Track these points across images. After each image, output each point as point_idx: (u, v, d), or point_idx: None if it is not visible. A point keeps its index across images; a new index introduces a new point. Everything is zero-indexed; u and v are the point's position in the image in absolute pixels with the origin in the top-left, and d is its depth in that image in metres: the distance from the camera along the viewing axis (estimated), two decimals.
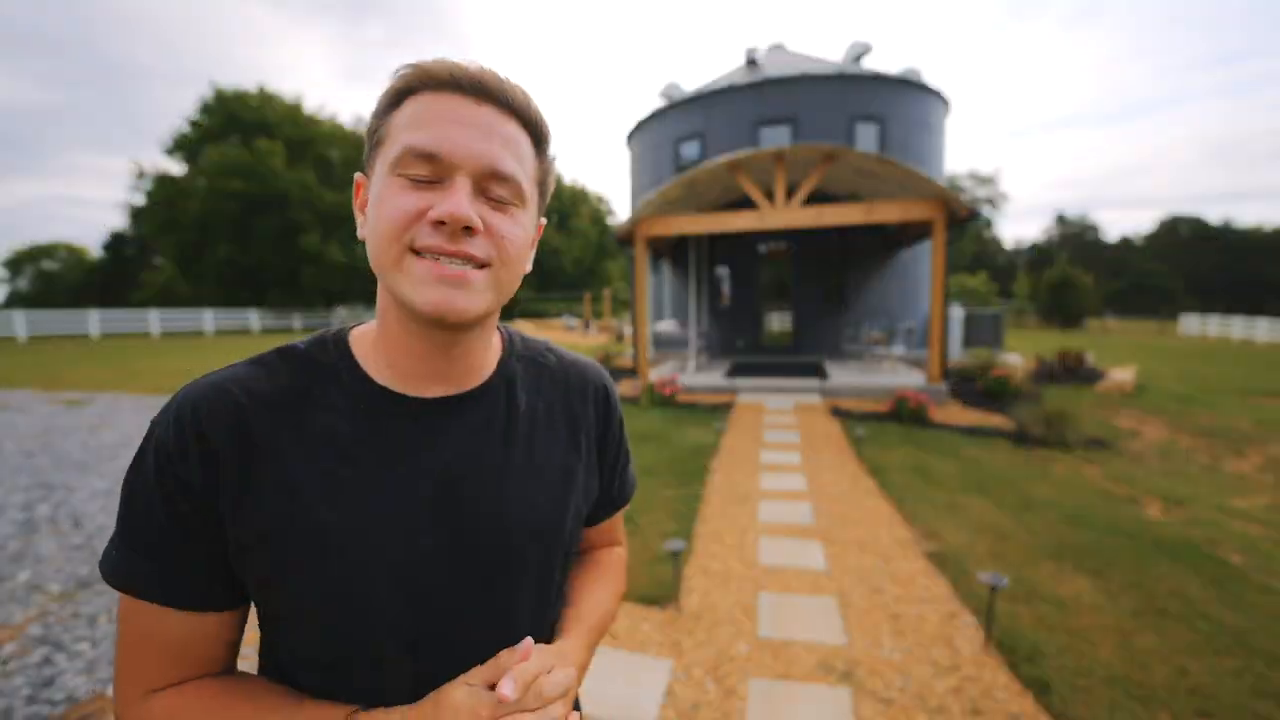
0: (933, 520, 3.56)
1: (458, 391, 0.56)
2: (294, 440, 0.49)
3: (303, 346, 0.55)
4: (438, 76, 0.47)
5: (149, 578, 0.47)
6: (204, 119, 30.37)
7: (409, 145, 0.46)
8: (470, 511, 0.54)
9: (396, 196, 0.47)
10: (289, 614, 0.51)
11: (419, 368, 0.54)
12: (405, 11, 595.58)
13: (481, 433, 0.56)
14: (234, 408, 0.48)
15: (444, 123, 0.47)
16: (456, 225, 0.46)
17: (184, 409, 0.48)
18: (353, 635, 0.50)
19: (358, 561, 0.49)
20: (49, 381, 10.06)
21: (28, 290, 34.69)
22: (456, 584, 0.53)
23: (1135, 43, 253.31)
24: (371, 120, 0.50)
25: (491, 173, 0.48)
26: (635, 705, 1.97)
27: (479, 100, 0.48)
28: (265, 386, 0.50)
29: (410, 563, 0.51)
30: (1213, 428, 6.30)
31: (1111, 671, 2.11)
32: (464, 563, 0.53)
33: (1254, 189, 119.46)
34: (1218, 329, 22.15)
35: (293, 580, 0.48)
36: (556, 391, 0.64)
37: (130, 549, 0.48)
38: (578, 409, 0.65)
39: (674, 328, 9.94)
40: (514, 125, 0.50)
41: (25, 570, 2.96)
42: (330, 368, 0.54)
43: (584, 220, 49.09)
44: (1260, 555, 3.11)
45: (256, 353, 0.54)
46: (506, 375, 0.61)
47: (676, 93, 12.83)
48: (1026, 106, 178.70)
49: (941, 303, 7.33)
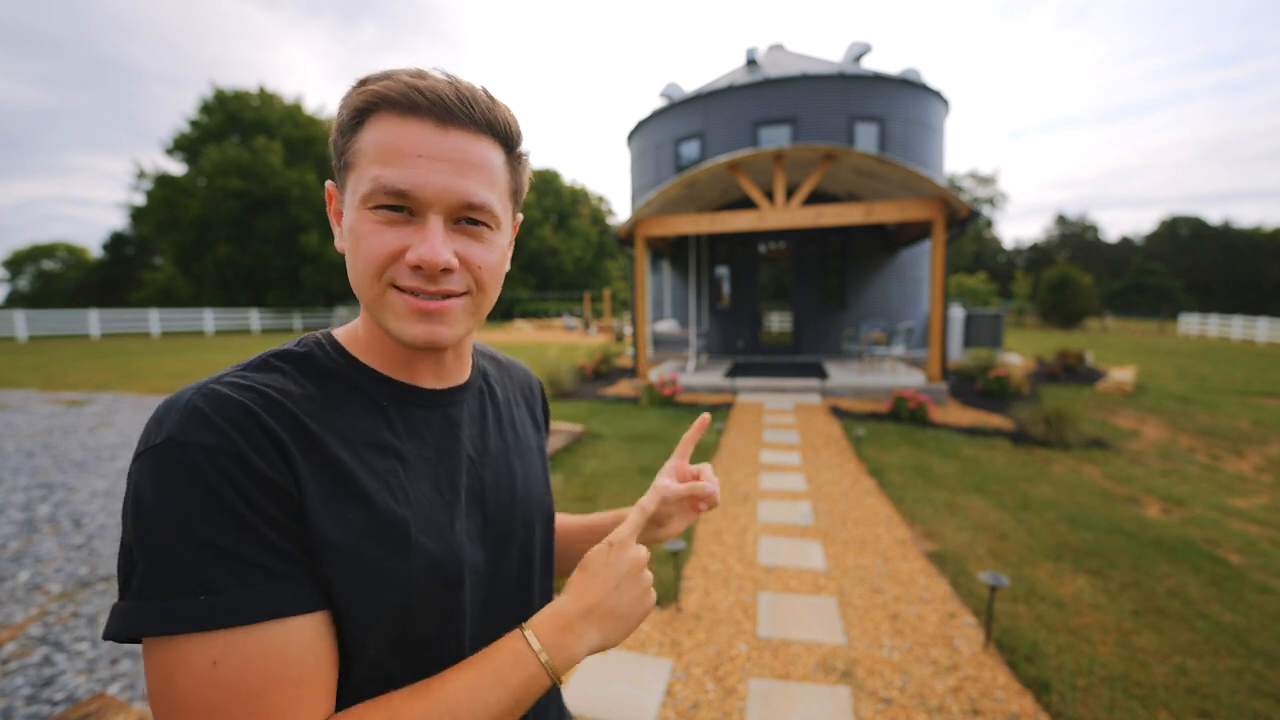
0: (932, 520, 3.56)
1: (454, 384, 0.59)
2: (340, 444, 0.47)
3: (299, 351, 0.52)
4: (394, 99, 0.46)
5: (253, 589, 0.40)
6: (204, 118, 30.40)
7: (380, 182, 0.45)
8: (493, 494, 0.58)
9: (372, 235, 0.47)
10: (353, 614, 0.46)
11: (415, 361, 0.56)
12: (402, 11, 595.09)
13: (481, 420, 0.61)
14: (280, 404, 0.45)
15: (410, 157, 0.45)
16: (434, 270, 0.47)
17: (225, 410, 0.42)
18: (438, 627, 0.50)
19: (441, 553, 0.50)
20: (49, 381, 10.07)
21: (28, 290, 34.70)
22: (495, 562, 0.57)
23: (1129, 43, 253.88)
24: (335, 135, 0.49)
25: (465, 205, 0.48)
26: (635, 705, 1.97)
27: (443, 125, 0.46)
28: (293, 389, 0.48)
29: (468, 547, 0.53)
30: (1212, 428, 6.31)
31: (1111, 671, 2.11)
32: (497, 542, 0.57)
33: (1251, 189, 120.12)
34: (1218, 329, 22.14)
35: (369, 578, 0.46)
36: (514, 382, 0.72)
37: (211, 576, 0.39)
38: (528, 396, 0.73)
39: (674, 328, 9.93)
40: (483, 143, 0.49)
41: (25, 570, 2.96)
42: (339, 370, 0.52)
43: (584, 220, 49.09)
44: (1259, 555, 3.12)
45: (246, 359, 0.51)
46: (481, 369, 0.66)
47: (676, 93, 12.83)
48: (1021, 107, 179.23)
49: (941, 303, 7.34)
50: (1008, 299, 37.13)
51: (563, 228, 48.04)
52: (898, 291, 11.45)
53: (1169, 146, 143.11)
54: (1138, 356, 13.82)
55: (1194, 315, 24.50)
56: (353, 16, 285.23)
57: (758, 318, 11.91)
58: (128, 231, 34.37)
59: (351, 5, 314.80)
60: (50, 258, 35.79)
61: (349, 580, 0.44)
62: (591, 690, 2.04)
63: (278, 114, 31.26)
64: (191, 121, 30.57)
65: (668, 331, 9.34)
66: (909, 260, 11.47)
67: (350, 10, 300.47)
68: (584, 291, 34.41)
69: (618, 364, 11.50)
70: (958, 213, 7.20)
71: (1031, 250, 53.24)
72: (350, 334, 0.56)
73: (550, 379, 8.44)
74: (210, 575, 0.39)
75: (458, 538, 0.52)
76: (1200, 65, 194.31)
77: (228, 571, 0.39)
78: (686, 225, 8.21)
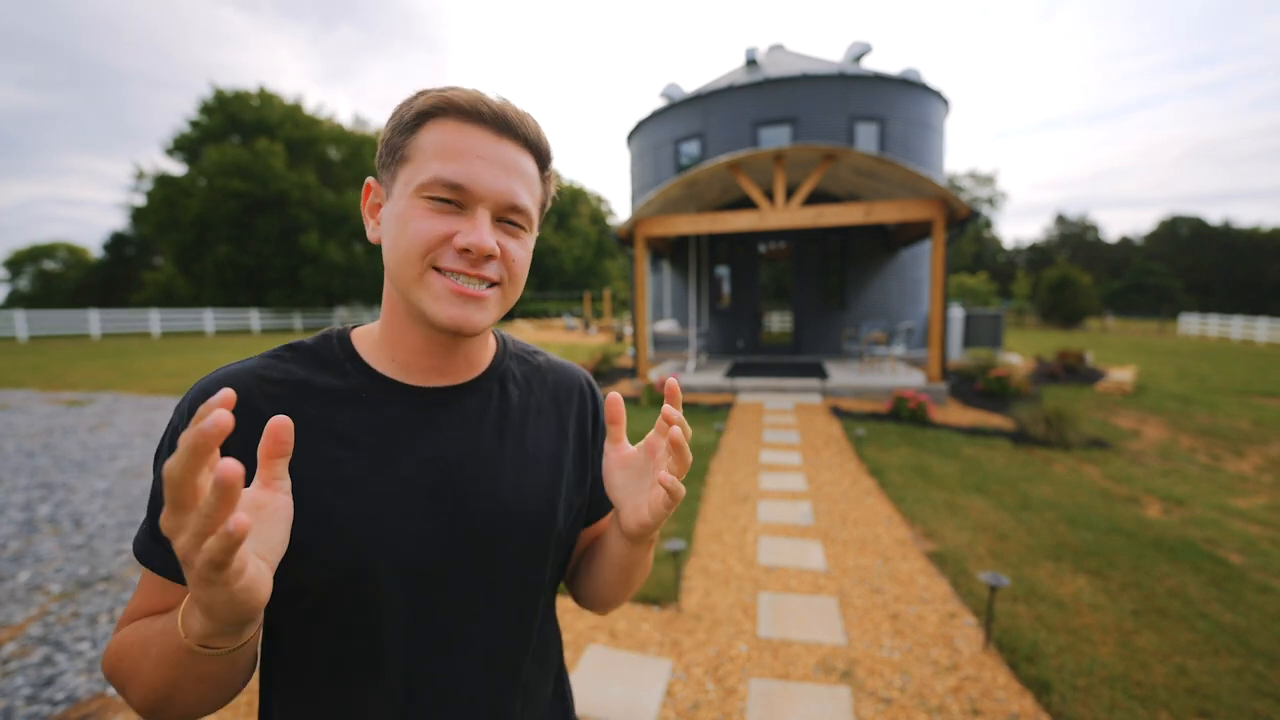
0: (932, 520, 3.56)
1: (455, 383, 0.60)
2: (299, 427, 0.50)
3: (310, 342, 0.59)
4: (462, 106, 0.52)
5: (167, 554, 0.50)
6: (204, 119, 30.40)
7: (439, 175, 0.51)
8: (466, 495, 0.57)
9: (422, 219, 0.51)
10: (287, 593, 0.51)
11: (421, 361, 0.58)
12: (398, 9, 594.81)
13: (475, 421, 0.60)
14: (245, 390, 0.52)
15: (470, 157, 0.51)
16: (481, 254, 0.52)
17: (202, 389, 0.52)
18: (351, 615, 0.53)
19: (359, 542, 0.51)
20: (49, 381, 10.07)
21: (28, 290, 34.70)
22: (450, 564, 0.56)
23: (1102, 45, 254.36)
24: (391, 134, 0.54)
25: (510, 206, 0.54)
26: (635, 704, 1.97)
27: (500, 135, 0.53)
28: (274, 374, 0.55)
29: (407, 544, 0.53)
30: (1213, 428, 6.30)
31: (1111, 671, 2.11)
32: (457, 544, 0.56)
33: (1241, 190, 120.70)
34: (1218, 329, 22.12)
35: (295, 562, 0.48)
36: (545, 387, 0.69)
37: (152, 522, 0.50)
38: (564, 403, 0.69)
39: (674, 328, 9.93)
40: (528, 157, 0.56)
41: (25, 570, 2.96)
42: (334, 360, 0.58)
43: (584, 220, 49.07)
44: (1259, 555, 3.12)
45: (269, 349, 0.59)
46: (500, 370, 0.65)
47: (676, 93, 12.83)
48: (1014, 107, 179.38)
49: (941, 303, 7.33)
50: (1008, 299, 37.13)
51: (562, 227, 48.00)
52: (898, 291, 11.45)
53: (1151, 148, 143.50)
54: (1138, 356, 13.82)
55: (1194, 315, 24.49)
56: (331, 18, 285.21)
57: (758, 318, 11.91)
58: (128, 231, 34.37)
59: (330, 6, 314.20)
60: (51, 258, 35.79)
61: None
62: (591, 690, 2.04)
63: (278, 114, 31.26)
64: (191, 122, 30.59)
65: (668, 331, 9.34)
66: (909, 260, 11.47)
67: (329, 12, 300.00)
68: (584, 291, 34.39)
69: (618, 364, 11.50)
70: (958, 213, 7.19)
71: (1031, 250, 53.24)
72: (364, 332, 0.61)
73: None
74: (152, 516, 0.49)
75: (398, 535, 0.53)
76: (1173, 68, 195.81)
77: (153, 521, 0.50)
78: (686, 225, 8.21)
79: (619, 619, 2.51)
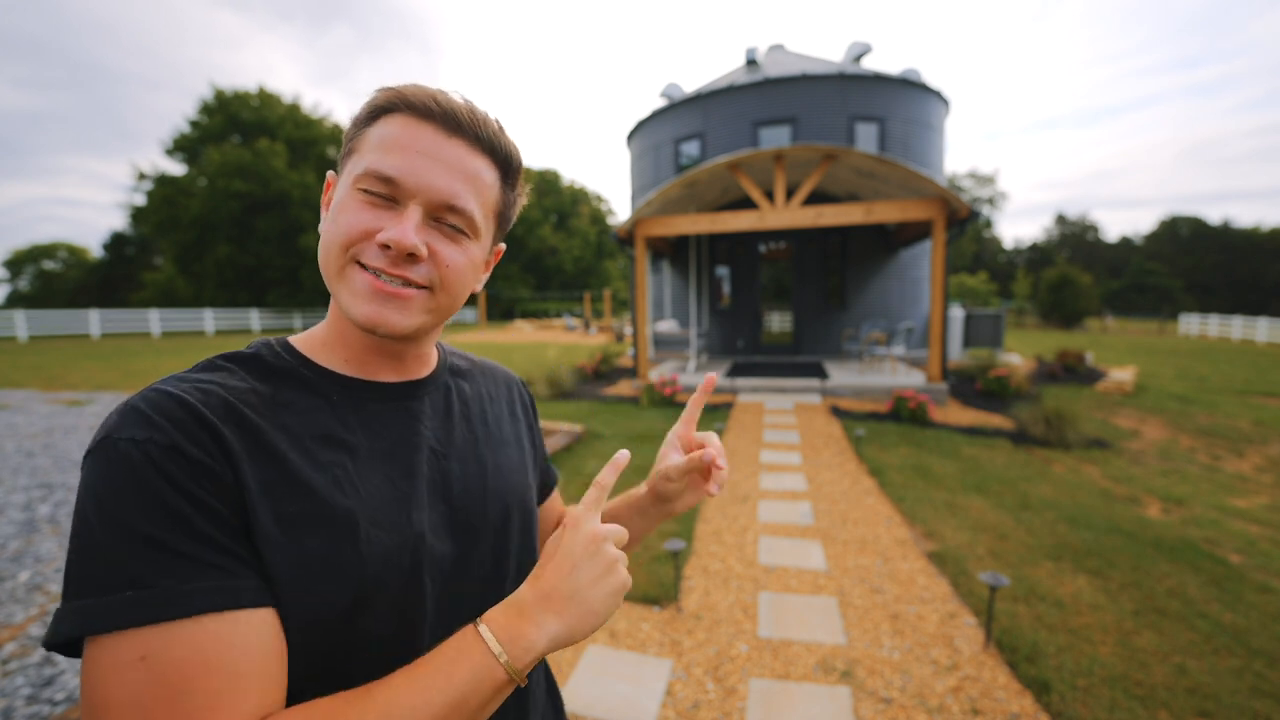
0: (932, 520, 3.56)
1: (413, 378, 0.60)
2: (285, 438, 0.47)
3: (247, 352, 0.53)
4: (414, 102, 0.50)
5: (184, 581, 0.39)
6: (204, 119, 30.40)
7: (371, 167, 0.49)
8: (459, 485, 0.57)
9: (352, 211, 0.49)
10: (300, 609, 0.46)
11: (372, 358, 0.56)
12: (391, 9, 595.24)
13: (446, 413, 0.61)
14: (217, 396, 0.45)
15: (410, 151, 0.49)
16: (400, 252, 0.48)
17: (160, 406, 0.42)
18: (369, 624, 0.49)
19: (374, 543, 0.48)
20: (49, 381, 10.07)
21: (28, 290, 34.69)
22: (463, 555, 0.56)
23: (1093, 48, 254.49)
24: (349, 128, 0.53)
25: (446, 206, 0.50)
26: (635, 704, 1.97)
27: (450, 133, 0.50)
28: (240, 385, 0.48)
29: (431, 535, 0.53)
30: (1212, 428, 6.30)
31: (1111, 671, 2.11)
32: (464, 532, 0.56)
33: (1236, 190, 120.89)
34: (1217, 329, 22.11)
35: (314, 571, 0.45)
36: (487, 377, 0.72)
37: (140, 570, 0.38)
38: (506, 389, 0.73)
39: (674, 328, 9.93)
40: (482, 160, 0.53)
41: (25, 570, 2.96)
42: (288, 369, 0.53)
43: (584, 220, 49.06)
44: (1259, 555, 3.12)
45: (196, 363, 0.51)
46: (448, 365, 0.66)
47: (676, 93, 12.83)
48: (1014, 107, 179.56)
49: (941, 303, 7.33)
50: (1008, 299, 37.11)
51: (563, 227, 48.01)
52: (898, 291, 11.45)
53: (1148, 149, 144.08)
54: (1138, 356, 13.82)
55: (1194, 315, 24.45)
56: (325, 20, 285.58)
57: (758, 318, 11.91)
58: (128, 231, 34.36)
59: (324, 7, 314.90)
60: (51, 258, 35.77)
61: (293, 573, 0.43)
62: (591, 690, 2.04)
63: (277, 114, 31.27)
64: (191, 122, 30.59)
65: (668, 331, 9.35)
66: (909, 260, 11.46)
67: (323, 13, 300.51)
68: (584, 291, 34.38)
69: (618, 364, 11.50)
70: (958, 212, 7.20)
71: (1031, 250, 53.24)
72: (306, 336, 0.57)
73: (550, 379, 8.44)
74: (138, 569, 0.38)
75: (414, 529, 0.51)
76: (1166, 69, 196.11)
77: (156, 564, 0.38)
78: (686, 225, 8.21)
79: (619, 619, 2.51)
